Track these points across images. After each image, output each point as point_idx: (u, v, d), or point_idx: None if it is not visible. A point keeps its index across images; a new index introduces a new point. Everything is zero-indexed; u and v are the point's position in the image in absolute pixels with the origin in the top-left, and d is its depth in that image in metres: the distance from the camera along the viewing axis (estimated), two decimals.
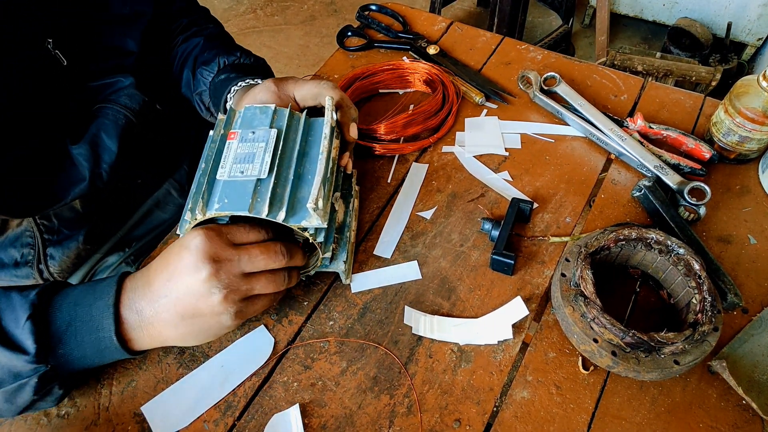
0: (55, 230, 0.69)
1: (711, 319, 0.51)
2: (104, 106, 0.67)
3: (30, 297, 0.48)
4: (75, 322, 0.49)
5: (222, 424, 0.53)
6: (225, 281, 0.48)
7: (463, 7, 2.47)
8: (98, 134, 0.65)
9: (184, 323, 0.49)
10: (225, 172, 0.51)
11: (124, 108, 0.68)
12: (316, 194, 0.50)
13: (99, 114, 0.66)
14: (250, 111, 0.56)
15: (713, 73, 1.72)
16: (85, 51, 0.65)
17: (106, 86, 0.67)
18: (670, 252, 0.56)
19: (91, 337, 0.49)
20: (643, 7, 2.08)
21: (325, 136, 0.55)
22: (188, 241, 0.49)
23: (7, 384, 0.48)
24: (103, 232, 0.77)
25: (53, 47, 0.61)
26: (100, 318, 0.49)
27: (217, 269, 0.48)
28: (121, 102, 0.68)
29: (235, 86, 0.70)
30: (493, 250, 0.60)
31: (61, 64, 0.62)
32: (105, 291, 0.50)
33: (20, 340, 0.47)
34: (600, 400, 0.53)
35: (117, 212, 0.78)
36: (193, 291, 0.48)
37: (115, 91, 0.68)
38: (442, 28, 0.92)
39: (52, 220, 0.68)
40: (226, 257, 0.49)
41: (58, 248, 0.71)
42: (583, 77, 0.81)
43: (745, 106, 0.63)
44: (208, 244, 0.48)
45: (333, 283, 0.63)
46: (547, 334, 0.57)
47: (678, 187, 0.65)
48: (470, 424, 0.52)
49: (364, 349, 0.58)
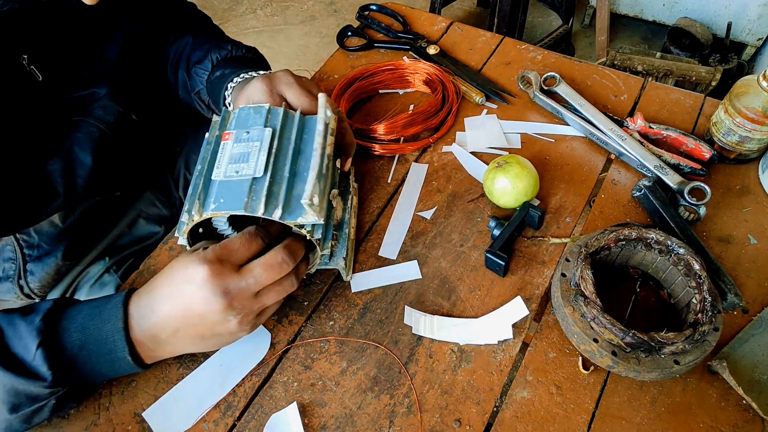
0: (35, 245, 0.69)
1: (711, 319, 0.51)
2: (79, 119, 0.66)
3: (35, 323, 0.48)
4: (87, 345, 0.49)
5: (222, 424, 0.53)
6: (239, 308, 0.49)
7: (463, 7, 2.47)
8: (72, 148, 0.64)
9: (204, 343, 0.51)
10: (220, 172, 0.51)
11: (98, 121, 0.67)
12: (311, 190, 0.50)
13: (73, 128, 0.65)
14: (244, 111, 0.57)
15: (713, 73, 1.72)
16: (61, 64, 0.63)
17: (82, 99, 0.66)
18: (670, 252, 0.56)
19: (105, 358, 0.49)
20: (643, 7, 2.08)
21: (319, 132, 0.55)
22: (192, 275, 0.48)
23: (25, 408, 0.48)
24: (84, 245, 0.76)
25: (28, 63, 0.59)
26: (113, 341, 0.49)
27: (230, 301, 0.48)
28: (95, 114, 0.66)
29: (231, 83, 0.69)
30: (487, 249, 0.60)
31: (36, 80, 0.60)
32: (112, 315, 0.49)
33: (35, 367, 0.47)
34: (600, 400, 0.53)
35: (97, 225, 0.77)
36: (210, 320, 0.49)
37: (91, 103, 0.66)
38: (442, 28, 0.92)
39: (32, 235, 0.68)
40: (236, 287, 0.48)
41: (38, 264, 0.70)
42: (583, 77, 0.81)
43: (745, 106, 0.63)
44: (216, 279, 0.47)
45: (333, 283, 0.62)
46: (547, 334, 0.57)
47: (678, 187, 0.65)
48: (470, 424, 0.52)
49: (364, 349, 0.58)
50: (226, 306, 0.48)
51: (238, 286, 0.48)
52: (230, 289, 0.48)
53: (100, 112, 0.67)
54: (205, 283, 0.47)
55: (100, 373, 0.50)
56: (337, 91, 0.79)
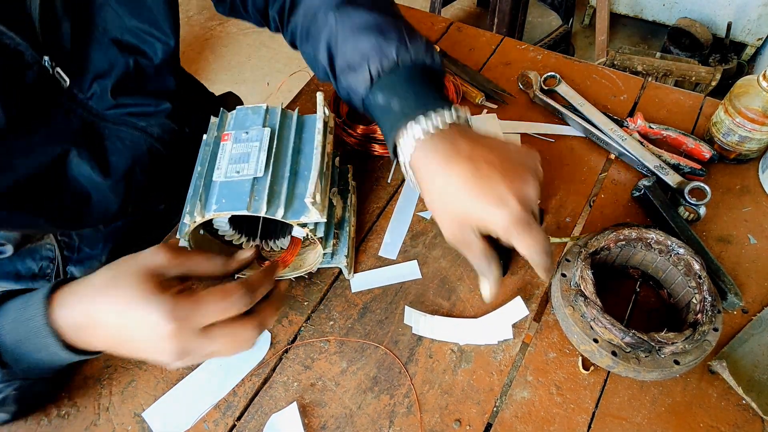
0: (75, 248, 0.68)
1: (711, 319, 0.51)
2: (132, 132, 0.63)
3: None
4: (22, 341, 0.45)
5: (222, 424, 0.53)
6: (186, 359, 0.43)
7: (463, 7, 2.47)
8: (133, 168, 0.62)
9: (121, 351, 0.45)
10: (221, 173, 0.51)
11: (154, 138, 0.64)
12: (313, 189, 0.50)
13: (127, 142, 0.62)
14: (242, 112, 0.57)
15: (713, 73, 1.72)
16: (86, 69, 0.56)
17: (135, 113, 0.62)
18: (670, 252, 0.56)
19: (42, 352, 0.45)
20: (643, 7, 2.08)
21: (319, 131, 0.55)
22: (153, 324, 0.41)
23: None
24: (126, 252, 0.74)
25: (51, 65, 0.52)
26: (42, 335, 0.44)
27: (181, 355, 0.42)
28: (153, 132, 0.64)
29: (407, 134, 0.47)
30: None
31: (62, 86, 0.54)
32: (36, 311, 0.44)
33: None
34: (600, 400, 0.53)
35: (140, 233, 0.74)
36: (148, 353, 0.43)
37: (145, 116, 0.63)
38: (442, 28, 0.92)
39: (73, 237, 0.67)
40: (194, 348, 0.42)
41: (80, 267, 0.69)
42: (583, 77, 0.81)
43: (745, 106, 0.63)
44: (178, 341, 0.41)
45: (333, 283, 0.63)
46: (547, 334, 0.57)
47: (678, 187, 0.65)
48: (470, 424, 0.52)
49: (364, 349, 0.58)
50: (175, 358, 0.42)
51: (197, 348, 0.42)
52: (188, 349, 0.42)
53: (157, 129, 0.64)
54: (163, 339, 0.41)
55: (48, 366, 0.47)
56: None
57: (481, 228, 0.46)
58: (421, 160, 0.47)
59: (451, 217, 0.47)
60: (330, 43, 0.55)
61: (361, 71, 0.51)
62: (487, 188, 0.45)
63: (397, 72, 0.51)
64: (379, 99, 0.50)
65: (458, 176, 0.45)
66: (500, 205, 0.44)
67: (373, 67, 0.51)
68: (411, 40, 0.52)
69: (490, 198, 0.44)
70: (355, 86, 0.52)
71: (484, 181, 0.45)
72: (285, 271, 0.60)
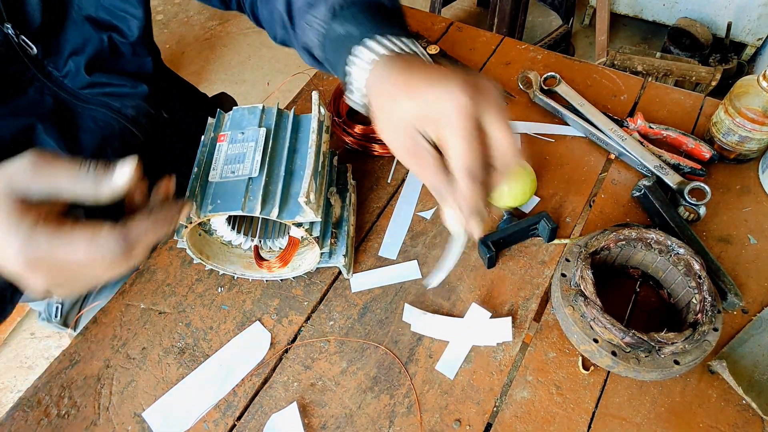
0: None
1: (711, 319, 0.51)
2: (105, 112, 0.62)
3: None
4: None
5: (222, 424, 0.53)
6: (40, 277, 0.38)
7: (463, 7, 2.47)
8: (103, 147, 0.61)
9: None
10: (216, 173, 0.52)
11: (127, 119, 0.63)
12: (307, 188, 0.50)
13: (99, 122, 0.61)
14: (238, 112, 0.57)
15: (713, 73, 1.72)
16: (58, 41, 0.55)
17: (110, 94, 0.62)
18: (670, 252, 0.56)
19: None
20: (643, 7, 2.08)
21: (313, 130, 0.55)
22: None
23: None
24: None
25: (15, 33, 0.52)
26: None
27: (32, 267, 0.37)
28: (127, 114, 0.63)
29: (358, 54, 0.44)
30: (483, 236, 0.58)
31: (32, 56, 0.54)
32: None
33: None
34: (600, 400, 0.53)
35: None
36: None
37: (120, 96, 0.62)
38: (442, 28, 0.92)
39: None
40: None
41: None
42: (583, 77, 0.81)
43: (745, 106, 0.63)
44: None
45: (333, 283, 0.63)
46: (547, 334, 0.57)
47: (678, 187, 0.65)
48: (470, 424, 0.52)
49: (364, 349, 0.58)
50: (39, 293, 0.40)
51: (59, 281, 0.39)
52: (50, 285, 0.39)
53: (132, 111, 0.63)
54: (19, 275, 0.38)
55: None
56: (337, 91, 0.79)
57: (426, 123, 0.40)
58: (375, 83, 0.43)
59: (396, 123, 0.41)
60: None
61: (321, 4, 0.49)
62: (435, 77, 0.40)
63: (356, 3, 0.48)
64: (338, 29, 0.47)
65: (412, 79, 0.41)
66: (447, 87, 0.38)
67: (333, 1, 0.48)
68: None
69: (436, 82, 0.39)
70: (314, 22, 0.49)
71: (436, 75, 0.40)
72: (284, 271, 0.60)
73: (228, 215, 0.54)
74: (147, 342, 0.59)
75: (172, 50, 2.31)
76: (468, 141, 0.38)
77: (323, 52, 0.51)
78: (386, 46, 0.44)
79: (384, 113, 0.43)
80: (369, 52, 0.44)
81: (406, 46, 0.45)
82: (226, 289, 0.63)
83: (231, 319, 0.60)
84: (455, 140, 0.38)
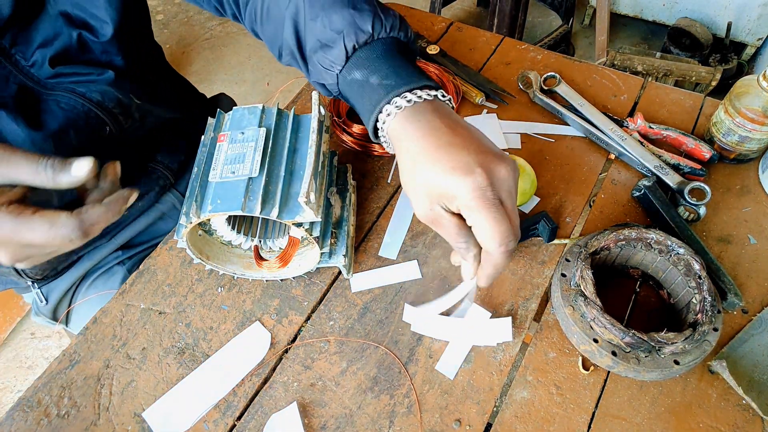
0: None
1: (711, 319, 0.51)
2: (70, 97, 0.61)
3: None
4: None
5: (222, 424, 0.53)
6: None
7: (463, 7, 2.47)
8: (65, 129, 0.60)
9: None
10: (216, 174, 0.52)
11: (93, 103, 0.62)
12: (307, 188, 0.50)
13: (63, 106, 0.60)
14: (238, 112, 0.57)
15: (713, 73, 1.72)
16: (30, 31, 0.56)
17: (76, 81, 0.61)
18: (670, 252, 0.56)
19: None
20: (643, 7, 2.08)
21: (313, 130, 0.55)
22: None
23: None
24: (92, 242, 0.73)
25: None
26: None
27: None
28: (92, 98, 0.62)
29: (388, 109, 0.46)
30: None
31: None
32: None
33: None
34: (600, 400, 0.53)
35: None
36: None
37: (86, 83, 0.61)
38: (442, 28, 0.92)
39: None
40: None
41: None
42: (583, 77, 0.81)
43: (745, 106, 0.63)
44: None
45: (333, 283, 0.63)
46: (547, 334, 0.57)
47: (678, 187, 0.65)
48: (470, 424, 0.52)
49: (364, 349, 0.58)
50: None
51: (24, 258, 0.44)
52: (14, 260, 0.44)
53: (97, 96, 0.62)
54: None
55: None
56: None
57: (445, 200, 0.43)
58: (399, 131, 0.46)
59: (419, 189, 0.45)
60: (297, 21, 0.52)
61: (336, 47, 0.49)
62: (455, 156, 0.42)
63: (372, 46, 0.49)
64: (356, 75, 0.49)
65: (430, 144, 0.44)
66: (464, 173, 0.41)
67: (348, 42, 0.49)
68: (384, 14, 0.50)
69: (456, 164, 0.42)
70: (329, 64, 0.50)
71: (454, 149, 0.43)
72: (284, 271, 0.60)
73: (228, 215, 0.55)
74: (147, 342, 0.59)
75: (172, 50, 2.31)
76: (494, 218, 0.41)
77: (340, 91, 0.53)
78: (414, 97, 0.46)
79: (405, 175, 0.46)
80: (395, 103, 0.46)
81: (431, 93, 0.47)
82: (226, 289, 0.63)
83: (231, 319, 0.60)
84: (480, 220, 0.41)
